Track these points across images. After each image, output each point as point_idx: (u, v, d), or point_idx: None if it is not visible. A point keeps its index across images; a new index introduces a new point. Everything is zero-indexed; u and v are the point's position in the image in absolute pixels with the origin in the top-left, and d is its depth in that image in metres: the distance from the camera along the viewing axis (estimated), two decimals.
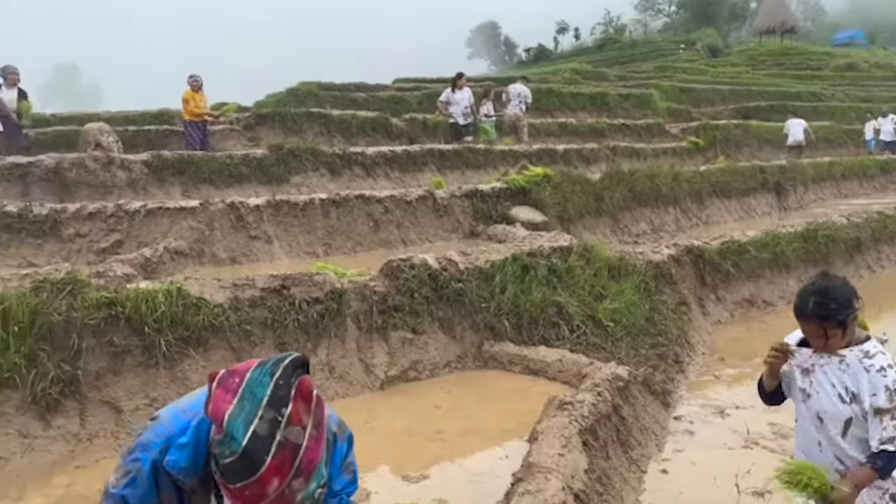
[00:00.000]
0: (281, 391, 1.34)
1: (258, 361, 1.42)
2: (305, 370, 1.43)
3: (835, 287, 2.38)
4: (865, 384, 2.34)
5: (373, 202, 8.15)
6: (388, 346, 5.29)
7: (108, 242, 6.94)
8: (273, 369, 1.37)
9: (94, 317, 4.28)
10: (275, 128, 13.53)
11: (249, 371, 1.38)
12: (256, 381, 1.35)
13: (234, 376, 1.38)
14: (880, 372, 2.33)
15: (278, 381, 1.35)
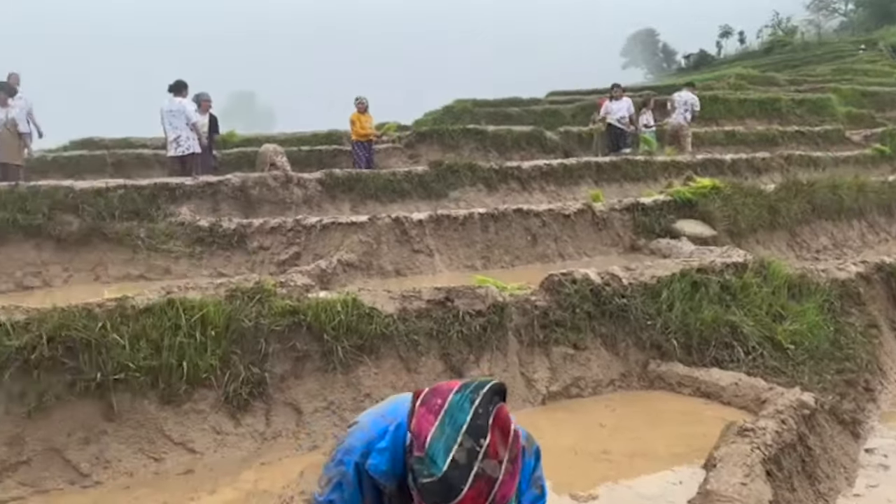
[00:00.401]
0: (480, 420, 1.37)
1: (459, 384, 1.46)
2: (502, 398, 1.46)
3: None
4: None
5: (530, 216, 8.17)
6: (550, 361, 5.25)
7: (287, 254, 7.49)
8: (473, 395, 1.41)
9: (279, 323, 4.61)
10: (433, 145, 14.00)
11: (451, 394, 1.42)
12: (457, 405, 1.40)
13: (436, 396, 1.43)
14: None
15: (477, 409, 1.39)
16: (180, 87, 10.31)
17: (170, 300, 4.36)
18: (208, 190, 8.72)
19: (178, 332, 4.25)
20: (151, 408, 4.11)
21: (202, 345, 4.34)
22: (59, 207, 7.26)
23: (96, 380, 3.96)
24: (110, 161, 12.25)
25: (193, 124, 10.27)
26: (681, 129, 14.22)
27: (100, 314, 4.12)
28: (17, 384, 3.86)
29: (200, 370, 4.29)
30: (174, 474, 3.97)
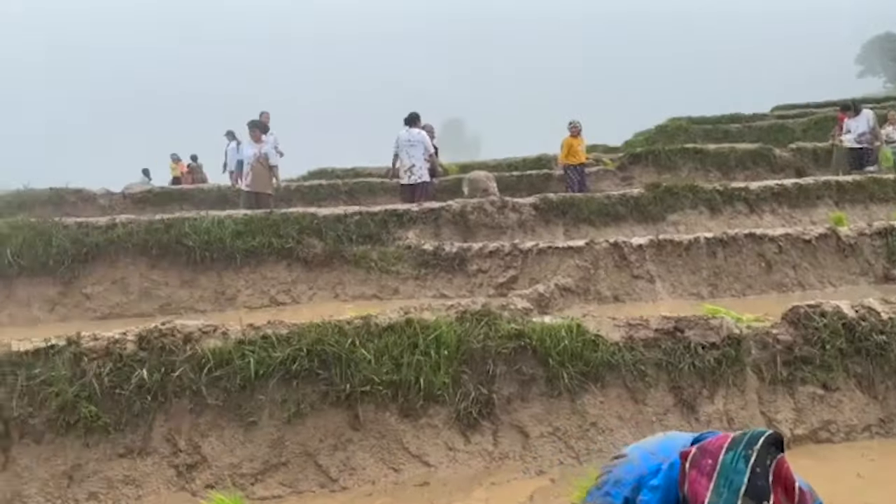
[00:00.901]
0: (759, 480, 1.28)
1: (729, 439, 1.38)
2: (780, 449, 1.35)
3: None
4: None
5: (765, 241, 7.59)
6: (794, 402, 4.80)
7: (504, 278, 7.66)
8: (747, 452, 1.32)
9: (505, 346, 4.71)
10: (647, 166, 13.61)
11: (722, 452, 1.35)
12: (731, 467, 1.32)
13: (706, 457, 1.36)
14: None
15: (755, 469, 1.30)
16: (415, 119, 11.07)
17: (408, 320, 4.64)
18: (431, 216, 9.20)
19: (416, 349, 4.50)
20: (392, 420, 4.39)
21: (436, 363, 4.56)
22: (306, 232, 8.08)
23: (345, 391, 4.32)
24: (343, 189, 13.45)
25: (431, 155, 10.97)
26: None
27: (349, 331, 4.50)
28: (280, 392, 4.33)
29: (435, 387, 4.51)
30: (411, 485, 4.20)
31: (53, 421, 4.07)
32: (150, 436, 4.22)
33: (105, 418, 4.08)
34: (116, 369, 4.17)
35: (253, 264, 7.84)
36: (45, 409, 4.08)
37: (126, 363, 4.19)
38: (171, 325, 4.41)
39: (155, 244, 7.78)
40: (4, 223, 7.93)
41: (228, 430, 4.25)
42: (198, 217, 8.14)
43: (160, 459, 4.17)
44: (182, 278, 7.76)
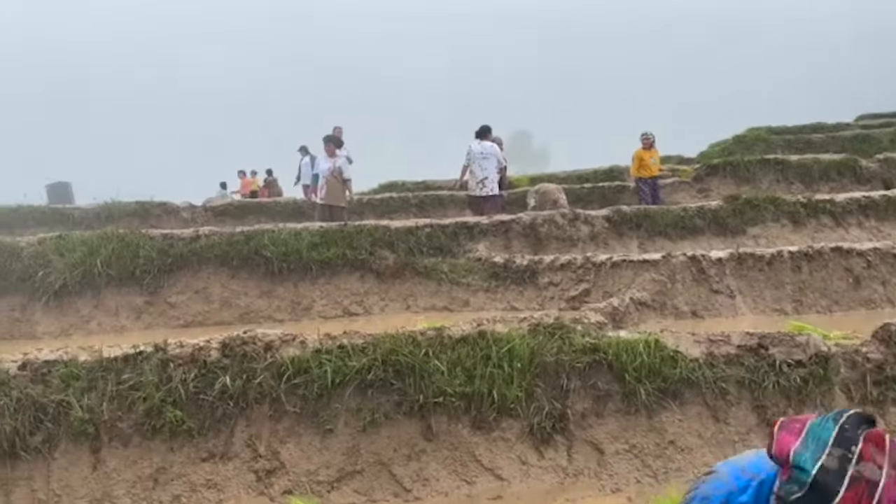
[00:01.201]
0: (847, 433, 1.27)
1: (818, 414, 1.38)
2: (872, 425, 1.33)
3: None
4: None
5: (853, 255, 7.25)
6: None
7: (577, 291, 7.57)
8: (837, 417, 1.32)
9: (579, 360, 4.65)
10: (725, 178, 13.23)
11: (810, 419, 1.35)
12: (820, 426, 1.32)
13: (795, 423, 1.37)
14: None
15: (843, 426, 1.30)
16: (487, 132, 11.14)
17: (481, 332, 4.64)
18: (501, 228, 9.19)
19: (489, 362, 4.50)
20: (464, 432, 4.39)
21: (509, 376, 4.54)
22: (378, 244, 8.21)
23: (419, 402, 4.35)
24: (413, 202, 13.62)
25: (502, 168, 11.01)
26: None
27: (422, 342, 4.54)
28: (355, 401, 4.40)
29: (508, 400, 4.49)
30: (484, 498, 4.19)
31: (140, 425, 4.26)
32: (231, 441, 4.36)
33: (189, 423, 4.24)
34: (200, 375, 4.33)
35: (327, 275, 8.01)
36: (133, 413, 4.27)
37: (210, 370, 4.35)
38: (253, 334, 4.56)
39: (235, 255, 8.05)
40: (94, 235, 8.37)
41: (306, 437, 4.34)
42: (275, 229, 8.39)
43: (241, 464, 4.29)
44: (260, 289, 8.00)
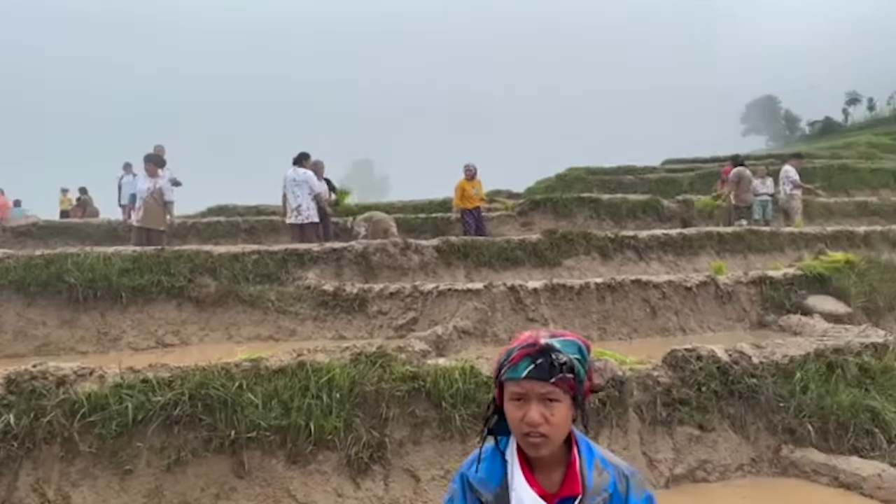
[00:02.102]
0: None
1: None
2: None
3: None
4: None
5: (650, 287, 7.97)
6: (674, 442, 5.03)
7: (404, 319, 7.67)
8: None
9: (399, 389, 4.71)
10: (546, 213, 14.06)
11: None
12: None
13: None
14: None
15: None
16: (303, 158, 10.98)
17: (300, 362, 4.57)
18: (333, 255, 9.13)
19: (307, 393, 4.43)
20: (279, 467, 4.27)
21: (328, 407, 4.49)
22: (199, 270, 7.82)
23: (230, 437, 4.18)
24: (243, 227, 13.14)
25: (318, 194, 10.86)
26: (786, 202, 13.77)
27: (237, 374, 4.38)
28: (159, 438, 4.14)
29: (325, 432, 4.43)
30: None
31: None
32: (15, 486, 3.93)
33: None
34: None
35: (140, 303, 7.49)
36: None
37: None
38: (43, 368, 4.16)
39: (33, 281, 7.32)
40: None
41: (102, 479, 4.01)
42: (81, 253, 7.74)
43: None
44: (62, 317, 7.32)
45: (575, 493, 1.61)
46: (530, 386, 1.57)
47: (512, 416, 1.61)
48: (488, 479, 1.66)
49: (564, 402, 1.58)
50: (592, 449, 1.69)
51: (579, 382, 1.61)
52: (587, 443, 1.70)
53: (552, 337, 1.64)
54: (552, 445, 1.59)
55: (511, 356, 1.62)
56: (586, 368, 1.65)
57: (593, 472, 1.63)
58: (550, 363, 1.57)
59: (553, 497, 1.62)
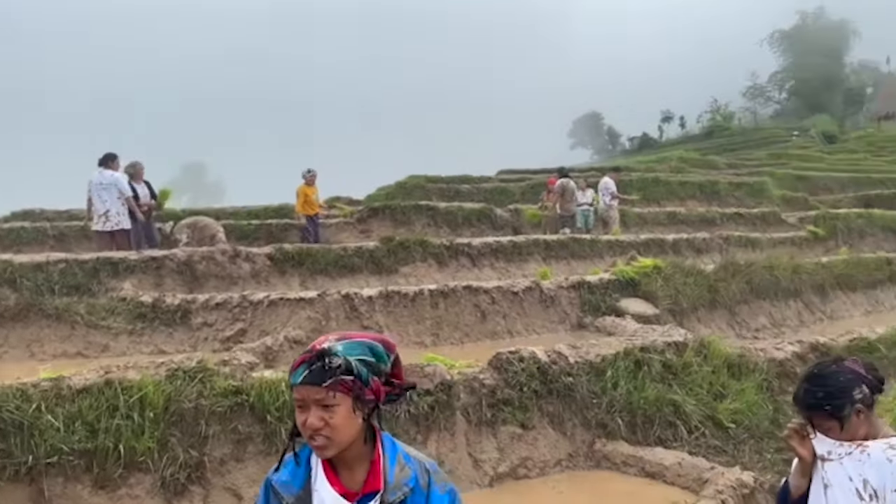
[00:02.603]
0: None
1: None
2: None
3: (828, 374, 2.15)
4: (889, 478, 2.03)
5: (480, 293, 8.24)
6: (498, 441, 5.23)
7: (232, 331, 7.35)
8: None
9: (221, 404, 4.51)
10: (385, 220, 14.13)
11: None
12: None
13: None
14: None
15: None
16: (109, 159, 9.97)
17: (108, 380, 4.24)
18: (152, 264, 8.58)
19: (116, 413, 4.12)
20: (84, 493, 3.94)
21: (140, 427, 4.21)
22: None
23: (27, 464, 3.79)
24: (52, 234, 11.96)
25: (127, 198, 9.93)
26: (605, 211, 14.91)
27: (34, 395, 3.98)
28: None
29: (137, 454, 4.15)
30: None
31: None
32: None
33: None
34: None
35: None
36: None
37: None
38: None
39: None
40: None
41: None
42: None
43: None
44: None
45: (376, 488, 1.64)
46: (306, 392, 1.59)
47: (298, 420, 1.62)
48: (291, 482, 1.67)
49: (344, 404, 1.59)
50: (396, 446, 1.73)
51: (362, 382, 1.62)
52: (391, 440, 1.73)
53: (340, 339, 1.65)
54: (336, 447, 1.61)
55: (294, 362, 1.64)
56: (380, 368, 1.67)
57: (395, 467, 1.67)
58: (323, 367, 1.58)
59: (356, 495, 1.64)
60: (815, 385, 2.13)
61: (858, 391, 2.10)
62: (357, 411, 1.61)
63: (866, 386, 2.12)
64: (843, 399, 2.09)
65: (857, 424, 2.10)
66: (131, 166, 10.54)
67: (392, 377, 1.73)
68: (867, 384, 2.12)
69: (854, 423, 2.10)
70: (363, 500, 1.64)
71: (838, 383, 2.11)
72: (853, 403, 2.09)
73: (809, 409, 2.15)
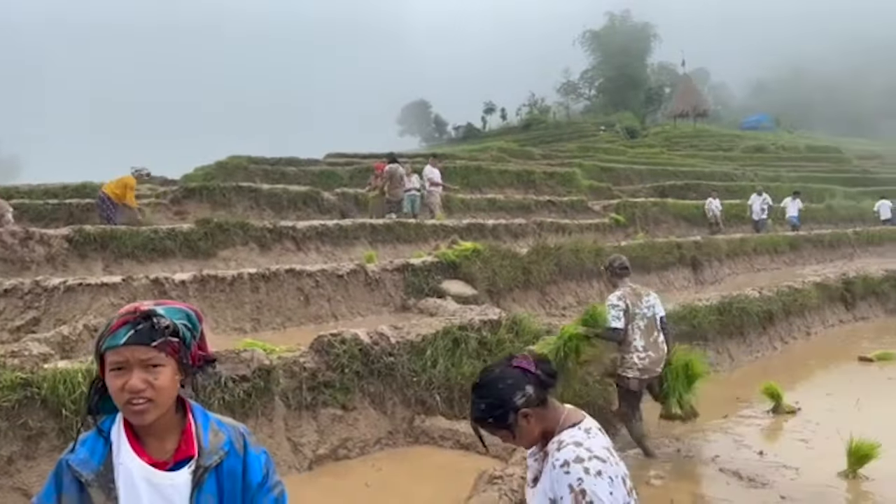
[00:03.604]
0: None
1: None
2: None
3: (488, 384, 2.04)
4: (556, 484, 1.92)
5: (303, 276, 8.13)
6: (318, 424, 5.21)
7: (23, 320, 6.65)
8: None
9: (7, 398, 4.09)
10: (203, 202, 13.42)
11: None
12: None
13: None
14: (563, 468, 1.90)
15: None
16: None
17: None
18: None
19: None
20: None
21: None
22: None
23: None
24: None
25: None
26: (427, 196, 15.34)
27: None
28: None
29: None
30: None
31: None
32: None
33: None
34: None
35: None
36: None
37: None
38: None
39: None
40: None
41: None
42: None
43: None
44: None
45: (189, 454, 1.61)
46: (130, 353, 1.54)
47: (113, 386, 1.54)
48: (89, 458, 1.58)
49: (169, 365, 1.57)
50: (207, 414, 1.71)
51: (186, 346, 1.62)
52: (201, 409, 1.71)
53: (157, 305, 1.62)
54: (158, 410, 1.56)
55: (111, 325, 1.57)
56: (195, 335, 1.67)
57: (209, 433, 1.65)
58: (151, 327, 1.55)
59: (166, 464, 1.60)
60: (479, 397, 2.04)
61: (521, 395, 1.98)
62: (178, 375, 1.61)
63: (532, 385, 2.01)
64: (504, 408, 1.98)
65: (529, 427, 2.01)
66: None
67: (198, 349, 1.71)
68: (534, 382, 2.01)
69: (524, 428, 2.01)
70: (175, 467, 1.60)
71: (498, 393, 2.00)
72: (516, 410, 1.98)
73: (476, 422, 2.06)
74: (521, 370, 2.02)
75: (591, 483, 1.84)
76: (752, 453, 5.72)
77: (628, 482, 1.97)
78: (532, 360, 2.07)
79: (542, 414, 2.01)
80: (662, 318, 5.69)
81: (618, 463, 1.96)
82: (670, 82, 69.01)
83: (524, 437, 2.03)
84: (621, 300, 5.53)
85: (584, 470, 1.86)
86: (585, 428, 2.00)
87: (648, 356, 5.51)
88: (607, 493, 1.84)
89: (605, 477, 1.86)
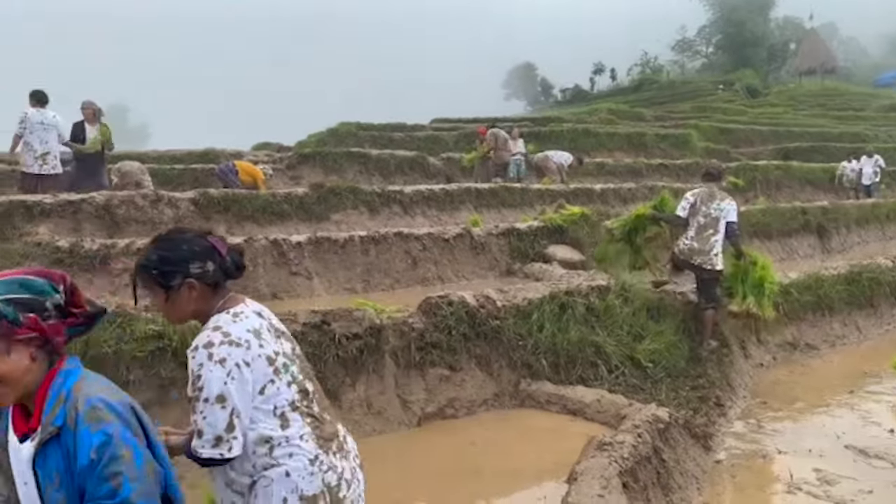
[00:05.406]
0: None
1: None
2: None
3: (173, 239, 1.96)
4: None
5: (411, 239, 8.26)
6: (426, 383, 5.32)
7: None
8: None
9: (142, 349, 4.41)
10: (316, 167, 13.90)
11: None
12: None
13: None
14: (191, 352, 1.86)
15: None
16: (44, 98, 9.31)
17: None
18: (69, 208, 8.20)
19: None
20: None
21: None
22: None
23: None
24: None
25: (67, 142, 9.50)
26: (542, 161, 15.07)
27: None
28: None
29: None
30: None
31: None
32: None
33: None
34: None
35: None
36: None
37: None
38: None
39: None
40: None
41: None
42: None
43: None
44: None
45: (34, 427, 1.60)
46: None
47: None
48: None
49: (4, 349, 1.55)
50: (68, 381, 1.61)
51: (10, 323, 1.55)
52: (68, 375, 1.63)
53: None
54: (15, 392, 1.58)
55: None
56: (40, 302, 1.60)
57: (53, 405, 1.58)
58: None
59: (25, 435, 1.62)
60: (156, 247, 1.94)
61: (198, 265, 1.91)
62: (12, 354, 1.55)
63: (214, 264, 1.94)
64: (176, 268, 1.90)
65: (187, 299, 1.92)
66: (88, 106, 9.91)
67: (73, 307, 1.67)
68: (218, 263, 1.95)
69: (183, 297, 1.91)
70: (22, 439, 1.60)
71: (179, 251, 1.91)
72: (185, 276, 1.90)
73: (140, 269, 1.93)
74: (212, 246, 1.97)
75: (207, 369, 1.80)
76: (881, 430, 5.36)
77: (280, 360, 1.93)
78: (227, 245, 2.02)
79: (206, 294, 1.94)
80: (731, 222, 6.45)
81: (265, 344, 1.90)
82: (795, 38, 64.15)
83: (176, 307, 1.94)
84: (693, 196, 6.61)
85: (207, 356, 1.82)
86: (235, 312, 1.93)
87: (691, 245, 6.48)
88: (221, 382, 1.80)
89: (227, 365, 1.81)
